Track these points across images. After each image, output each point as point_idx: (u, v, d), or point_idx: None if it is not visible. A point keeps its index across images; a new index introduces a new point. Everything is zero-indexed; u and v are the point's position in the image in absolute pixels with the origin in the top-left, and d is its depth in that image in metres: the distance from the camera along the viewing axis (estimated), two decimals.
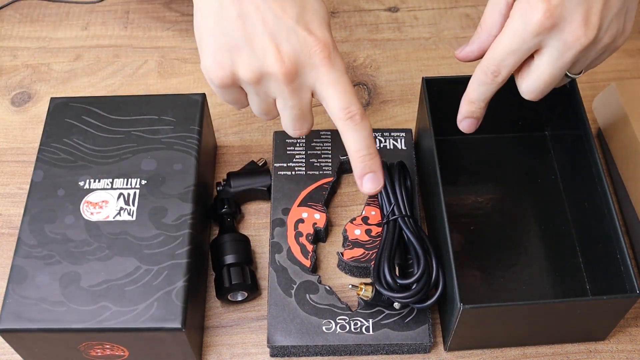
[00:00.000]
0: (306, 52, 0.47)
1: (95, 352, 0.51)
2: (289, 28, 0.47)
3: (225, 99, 0.51)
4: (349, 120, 0.48)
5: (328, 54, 0.47)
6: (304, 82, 0.48)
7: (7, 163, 0.65)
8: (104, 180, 0.54)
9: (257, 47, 0.47)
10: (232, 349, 0.55)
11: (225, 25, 0.48)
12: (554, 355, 0.54)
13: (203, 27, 0.49)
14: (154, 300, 0.49)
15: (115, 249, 0.51)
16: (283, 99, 0.49)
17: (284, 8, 0.47)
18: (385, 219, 0.55)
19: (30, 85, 0.70)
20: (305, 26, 0.47)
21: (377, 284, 0.52)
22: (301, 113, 0.50)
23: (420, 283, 0.51)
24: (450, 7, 0.75)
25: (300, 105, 0.49)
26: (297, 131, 0.51)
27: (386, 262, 0.52)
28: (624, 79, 0.69)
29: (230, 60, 0.48)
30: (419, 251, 0.52)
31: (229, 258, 0.56)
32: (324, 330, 0.53)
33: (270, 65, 0.47)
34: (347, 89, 0.48)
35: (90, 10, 0.76)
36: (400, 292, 0.51)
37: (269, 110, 0.51)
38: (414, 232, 0.54)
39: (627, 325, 0.55)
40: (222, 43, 0.48)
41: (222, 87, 0.49)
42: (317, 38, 0.47)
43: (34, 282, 0.50)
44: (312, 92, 0.49)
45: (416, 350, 0.54)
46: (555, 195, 0.60)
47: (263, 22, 0.47)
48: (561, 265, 0.57)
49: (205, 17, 0.48)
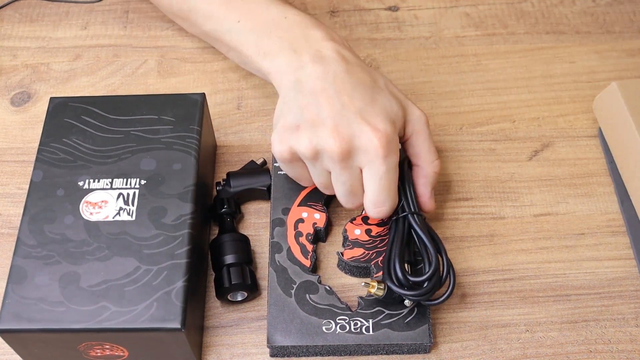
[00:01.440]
0: (363, 138, 0.51)
1: (95, 352, 0.51)
2: (350, 117, 0.52)
3: (289, 173, 0.56)
4: (374, 214, 0.53)
5: (383, 145, 0.51)
6: (356, 163, 0.52)
7: (6, 163, 0.65)
8: (104, 180, 0.54)
9: (317, 127, 0.52)
10: (232, 349, 0.55)
11: (295, 110, 0.53)
12: (554, 355, 0.54)
13: (280, 108, 0.54)
14: (154, 301, 0.49)
15: (114, 249, 0.51)
16: (336, 174, 0.53)
17: (352, 100, 0.52)
18: (394, 215, 0.55)
19: (29, 85, 0.70)
20: (366, 119, 0.52)
21: (388, 281, 0.52)
22: (352, 189, 0.53)
23: (432, 281, 0.51)
24: (451, 7, 0.75)
25: (351, 181, 0.53)
26: (350, 204, 0.54)
27: (397, 260, 0.52)
28: (625, 79, 0.69)
29: (292, 137, 0.53)
30: (430, 249, 0.52)
31: (229, 258, 0.56)
32: (324, 330, 0.53)
33: (326, 143, 0.51)
34: (387, 187, 0.52)
35: (90, 9, 0.76)
36: (411, 290, 0.51)
37: (328, 184, 0.55)
38: (423, 229, 0.54)
39: (627, 325, 0.55)
40: (289, 123, 0.53)
41: (283, 160, 0.54)
42: (375, 129, 0.51)
43: (33, 282, 0.50)
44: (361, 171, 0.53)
45: (416, 351, 0.54)
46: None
47: (329, 109, 0.52)
48: None
49: (283, 100, 0.54)
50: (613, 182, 0.62)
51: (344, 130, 0.51)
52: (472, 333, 0.55)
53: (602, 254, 0.59)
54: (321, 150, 0.52)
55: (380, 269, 0.55)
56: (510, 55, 0.71)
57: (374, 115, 0.52)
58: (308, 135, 0.52)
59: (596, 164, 0.64)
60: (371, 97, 0.53)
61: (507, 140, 0.65)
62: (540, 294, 0.57)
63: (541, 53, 0.71)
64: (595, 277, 0.58)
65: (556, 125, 0.66)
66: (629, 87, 0.61)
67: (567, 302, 0.56)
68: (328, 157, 0.51)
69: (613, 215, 0.61)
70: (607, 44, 0.72)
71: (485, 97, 0.68)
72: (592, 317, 0.56)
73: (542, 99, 0.68)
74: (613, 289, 0.57)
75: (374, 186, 0.52)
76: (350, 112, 0.52)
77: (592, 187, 0.62)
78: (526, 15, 0.74)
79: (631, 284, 0.57)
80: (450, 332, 0.55)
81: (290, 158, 0.53)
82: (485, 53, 0.71)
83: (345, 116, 0.51)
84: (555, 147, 0.65)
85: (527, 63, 0.71)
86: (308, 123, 0.52)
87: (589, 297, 0.57)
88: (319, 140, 0.51)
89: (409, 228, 0.54)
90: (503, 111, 0.67)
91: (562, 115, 0.67)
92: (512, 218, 0.61)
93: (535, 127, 0.66)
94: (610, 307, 0.56)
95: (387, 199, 0.52)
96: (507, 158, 0.64)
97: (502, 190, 0.62)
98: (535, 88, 0.69)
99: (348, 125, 0.51)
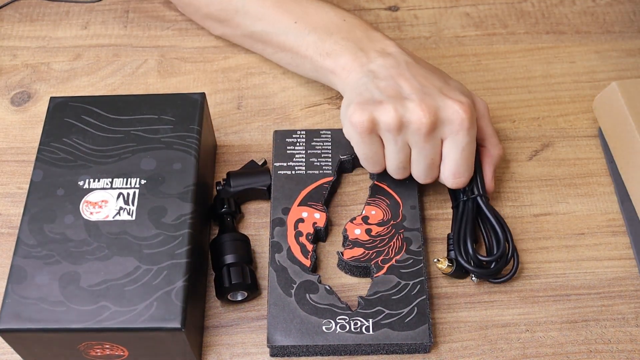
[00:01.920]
0: (448, 110, 0.52)
1: (95, 352, 0.51)
2: (433, 93, 0.53)
3: (363, 150, 0.55)
4: (453, 184, 0.55)
5: (469, 116, 0.52)
6: (439, 135, 0.53)
7: (6, 163, 0.65)
8: (104, 179, 0.54)
9: (403, 100, 0.52)
10: (232, 349, 0.55)
11: (374, 90, 0.54)
12: (554, 355, 0.54)
13: (349, 97, 0.55)
14: (154, 300, 0.49)
15: (114, 249, 0.51)
16: (419, 148, 0.53)
17: (428, 80, 0.54)
18: (465, 196, 0.57)
19: (29, 85, 0.70)
20: (447, 94, 0.53)
21: (459, 257, 0.55)
22: (432, 162, 0.54)
23: (500, 261, 0.55)
24: (451, 6, 0.75)
25: (432, 155, 0.54)
26: (428, 179, 0.56)
27: (469, 238, 0.55)
28: (625, 79, 0.69)
29: (376, 108, 0.52)
30: (498, 231, 0.55)
31: (229, 258, 0.56)
32: (324, 330, 0.53)
33: (413, 115, 0.51)
34: (468, 159, 0.54)
35: (90, 9, 0.76)
36: (480, 268, 0.55)
37: (404, 162, 0.55)
38: (492, 211, 0.57)
39: (627, 325, 0.55)
40: (369, 98, 0.53)
41: (362, 131, 0.53)
42: (459, 101, 0.53)
43: (33, 282, 0.50)
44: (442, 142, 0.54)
45: (416, 350, 0.54)
46: None
47: (410, 87, 0.53)
48: None
49: (356, 90, 0.55)
50: (613, 182, 0.62)
51: (430, 102, 0.52)
52: (472, 333, 0.55)
53: (602, 254, 0.59)
54: (407, 122, 0.52)
55: (380, 268, 0.55)
56: (510, 55, 0.71)
57: (453, 91, 0.54)
58: (394, 106, 0.52)
59: (596, 164, 0.64)
60: (444, 80, 0.56)
61: (507, 140, 0.65)
62: (540, 294, 0.57)
63: (541, 53, 0.71)
64: (595, 277, 0.58)
65: (556, 125, 0.66)
66: (629, 87, 0.61)
67: (567, 302, 0.56)
68: (415, 129, 0.52)
69: (613, 215, 0.61)
70: (607, 43, 0.72)
71: (485, 97, 0.68)
72: (592, 317, 0.56)
73: (542, 99, 0.68)
74: (613, 289, 0.57)
75: (456, 157, 0.53)
76: (431, 89, 0.53)
77: (592, 187, 0.62)
78: (526, 15, 0.74)
79: (631, 284, 0.57)
80: (450, 332, 0.55)
81: (370, 128, 0.53)
82: (485, 53, 0.71)
83: (428, 92, 0.53)
84: (555, 147, 0.65)
85: (527, 63, 0.71)
86: (392, 98, 0.53)
87: (589, 297, 0.57)
88: (405, 112, 0.52)
89: (477, 209, 0.57)
90: (503, 111, 0.67)
91: (562, 115, 0.67)
92: (512, 218, 0.61)
93: (535, 127, 0.66)
94: (610, 307, 0.56)
95: (466, 170, 0.54)
96: (507, 158, 0.64)
97: (502, 190, 0.62)
98: (535, 88, 0.69)
99: (432, 98, 0.52)
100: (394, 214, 0.58)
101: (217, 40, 0.72)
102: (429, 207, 0.61)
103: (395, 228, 0.57)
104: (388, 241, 0.57)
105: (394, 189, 0.59)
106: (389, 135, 0.53)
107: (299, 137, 0.62)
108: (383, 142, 0.54)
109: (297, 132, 0.62)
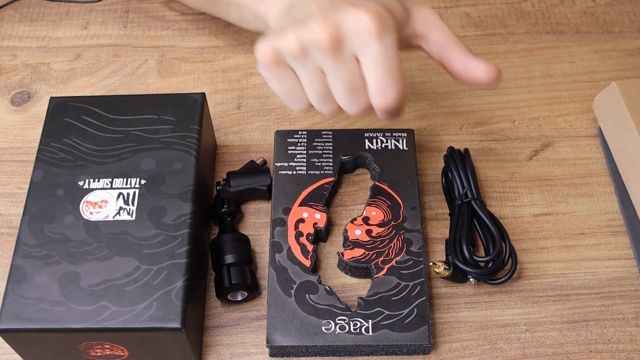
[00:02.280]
0: (353, 19, 0.45)
1: (95, 352, 0.51)
2: (338, 6, 0.46)
3: (278, 89, 0.49)
4: (381, 103, 0.47)
5: (375, 22, 0.45)
6: (349, 50, 0.46)
7: (6, 163, 0.65)
8: (104, 179, 0.54)
9: (303, 22, 0.46)
10: (232, 349, 0.55)
11: (285, 22, 0.50)
12: (554, 355, 0.54)
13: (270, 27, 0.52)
14: (154, 300, 0.49)
15: (114, 249, 0.51)
16: (330, 70, 0.47)
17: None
18: (459, 201, 0.58)
19: (29, 85, 0.70)
20: (355, 4, 0.46)
21: (455, 260, 0.55)
22: (352, 85, 0.47)
23: (496, 262, 0.55)
24: (451, 6, 0.75)
25: (347, 74, 0.46)
26: (355, 107, 0.48)
27: (464, 241, 0.56)
28: (625, 79, 0.69)
29: (276, 37, 0.47)
30: (494, 232, 0.56)
31: (229, 258, 0.56)
32: (324, 330, 0.53)
33: (312, 32, 0.45)
34: (390, 69, 0.46)
35: (90, 9, 0.76)
36: (476, 268, 0.55)
37: (323, 91, 0.48)
38: (486, 214, 0.57)
39: (627, 325, 0.55)
40: (276, 30, 0.49)
41: (267, 64, 0.48)
42: (365, 8, 0.45)
43: (33, 282, 0.50)
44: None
45: (415, 352, 0.53)
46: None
47: (317, 6, 0.48)
48: None
49: (273, 19, 0.53)
50: (613, 182, 0.62)
51: (332, 16, 0.46)
52: (472, 333, 0.55)
53: (602, 254, 0.59)
54: (308, 42, 0.46)
55: (380, 269, 0.55)
56: (510, 55, 0.71)
57: (367, 1, 0.47)
58: (295, 30, 0.46)
59: (596, 164, 0.64)
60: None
61: (507, 140, 0.65)
62: (540, 294, 0.57)
63: (541, 53, 0.71)
64: (595, 277, 0.58)
65: (556, 125, 0.66)
66: (629, 87, 0.61)
67: (567, 302, 0.56)
68: (318, 49, 0.46)
69: (613, 215, 0.61)
70: (607, 43, 0.72)
71: (485, 97, 0.68)
72: (592, 317, 0.56)
73: (542, 99, 0.68)
74: (613, 289, 0.57)
75: (374, 70, 0.46)
76: (339, 3, 0.47)
77: (592, 187, 0.62)
78: (526, 15, 0.74)
79: (631, 284, 0.57)
80: (450, 332, 0.55)
81: (274, 59, 0.48)
82: (485, 53, 0.71)
83: (333, 7, 0.47)
84: (555, 147, 0.65)
85: (527, 63, 0.71)
86: (294, 23, 0.47)
87: (589, 297, 0.57)
88: (304, 32, 0.46)
89: (472, 213, 0.58)
90: (503, 111, 0.67)
91: (562, 115, 0.67)
92: (512, 218, 0.61)
93: (535, 127, 0.66)
94: (610, 307, 0.56)
95: (390, 82, 0.46)
96: (507, 158, 0.64)
97: (502, 190, 0.62)
98: (535, 88, 0.69)
99: (335, 12, 0.46)
100: (395, 214, 0.58)
101: (217, 40, 0.72)
102: (429, 207, 0.61)
103: (395, 229, 0.57)
104: (388, 242, 0.57)
105: (394, 189, 0.59)
106: (296, 63, 0.48)
107: (300, 137, 0.62)
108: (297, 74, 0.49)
109: (299, 132, 0.62)
